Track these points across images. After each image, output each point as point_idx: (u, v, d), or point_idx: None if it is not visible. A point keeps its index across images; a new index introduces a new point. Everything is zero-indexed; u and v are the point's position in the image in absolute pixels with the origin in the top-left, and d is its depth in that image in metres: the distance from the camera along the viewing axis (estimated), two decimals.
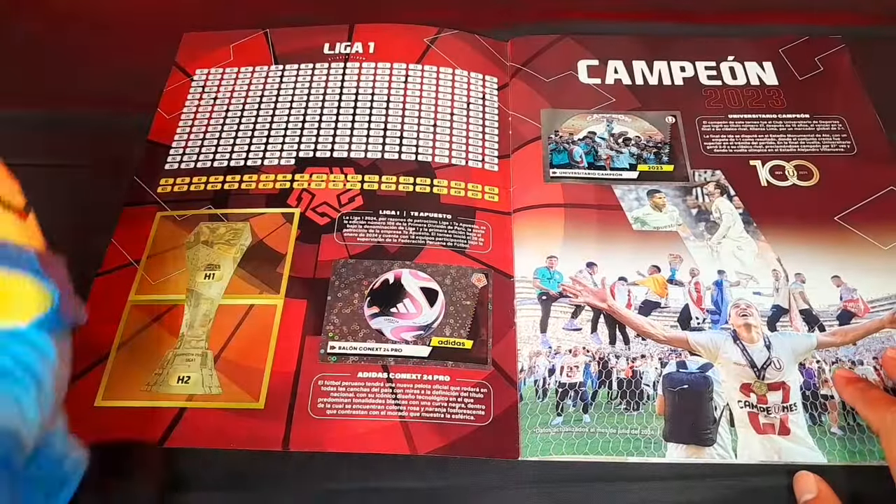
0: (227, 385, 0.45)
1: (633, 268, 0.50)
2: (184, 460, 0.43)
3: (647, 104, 0.59)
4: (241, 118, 0.58)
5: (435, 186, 0.54)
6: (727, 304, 0.49)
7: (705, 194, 0.54)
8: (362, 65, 0.61)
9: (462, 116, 0.58)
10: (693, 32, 0.65)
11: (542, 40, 0.64)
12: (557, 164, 0.55)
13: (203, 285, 0.49)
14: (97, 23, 0.66)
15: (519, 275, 0.50)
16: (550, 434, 0.44)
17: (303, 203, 0.53)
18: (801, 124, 0.58)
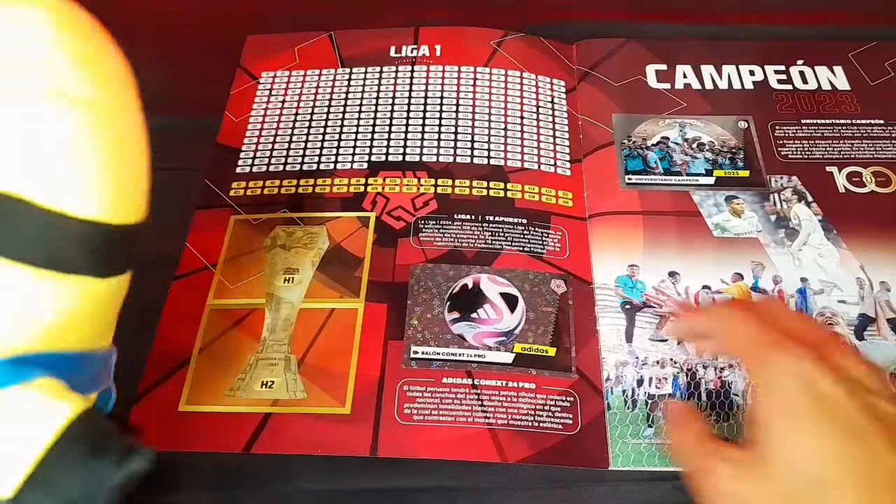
0: (311, 390, 0.45)
1: (716, 276, 0.50)
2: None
3: (718, 109, 0.59)
4: (311, 121, 0.58)
5: (509, 190, 0.54)
6: (812, 313, 0.48)
7: (783, 200, 0.53)
8: (430, 68, 0.61)
9: (532, 120, 0.58)
10: (756, 35, 0.64)
11: (607, 43, 0.63)
12: (632, 170, 0.55)
13: (283, 289, 0.48)
14: (161, 26, 0.65)
15: (598, 282, 0.49)
16: (642, 445, 0.43)
17: (378, 207, 0.53)
18: (877, 130, 0.57)
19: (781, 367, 0.32)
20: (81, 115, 0.21)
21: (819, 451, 0.30)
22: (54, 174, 0.21)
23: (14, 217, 0.20)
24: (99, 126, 0.22)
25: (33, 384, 0.22)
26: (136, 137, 0.24)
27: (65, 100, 0.21)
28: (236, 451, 0.43)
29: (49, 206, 0.21)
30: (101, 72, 0.22)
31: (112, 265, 0.24)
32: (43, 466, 0.21)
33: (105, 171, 0.22)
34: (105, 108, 0.22)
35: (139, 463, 0.22)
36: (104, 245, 0.23)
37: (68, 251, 0.22)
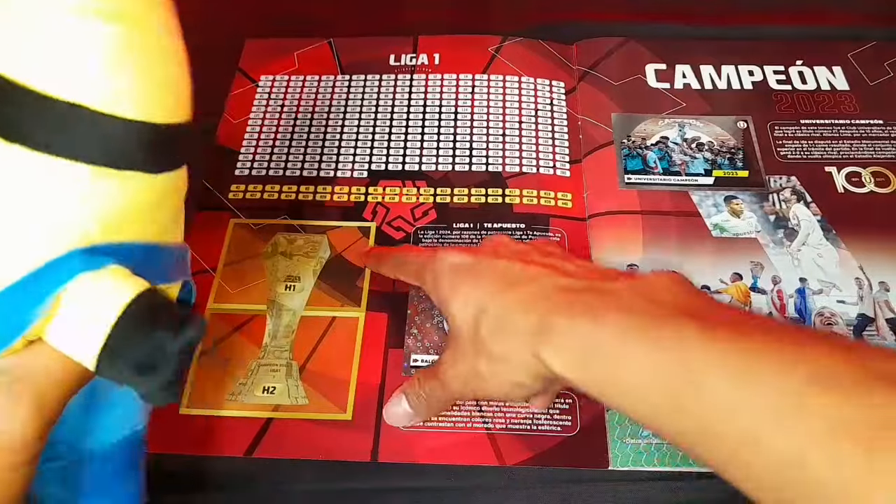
0: (313, 396, 0.45)
1: (715, 276, 0.50)
2: None
3: (718, 109, 0.59)
4: (311, 127, 0.58)
5: (507, 196, 0.54)
6: (811, 313, 0.48)
7: (782, 200, 0.53)
8: (429, 77, 0.61)
9: (531, 123, 0.58)
10: (756, 35, 0.64)
11: (606, 43, 0.63)
12: (632, 170, 0.55)
13: (284, 296, 0.49)
14: None
15: None
16: (641, 444, 0.43)
17: (378, 217, 0.53)
18: (876, 130, 0.57)
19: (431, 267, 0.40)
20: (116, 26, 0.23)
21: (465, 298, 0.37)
22: (105, 81, 0.23)
23: (74, 122, 0.23)
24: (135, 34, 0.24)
25: (103, 270, 0.25)
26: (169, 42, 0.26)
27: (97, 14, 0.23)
28: (238, 455, 0.43)
29: (103, 110, 0.23)
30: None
31: (163, 162, 0.26)
32: (112, 338, 0.24)
33: (146, 75, 0.25)
34: (136, 18, 0.24)
35: (192, 332, 0.26)
36: (153, 143, 0.25)
37: (122, 150, 0.24)
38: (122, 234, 0.26)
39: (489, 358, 0.36)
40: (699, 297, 0.32)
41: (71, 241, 0.24)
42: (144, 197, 0.26)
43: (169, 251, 0.29)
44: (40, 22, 0.23)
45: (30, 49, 0.23)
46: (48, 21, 0.23)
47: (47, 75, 0.23)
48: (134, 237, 0.26)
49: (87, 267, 0.25)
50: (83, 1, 0.23)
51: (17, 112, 0.23)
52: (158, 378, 0.25)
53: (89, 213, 0.25)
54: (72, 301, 0.24)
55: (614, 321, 0.31)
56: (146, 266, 0.27)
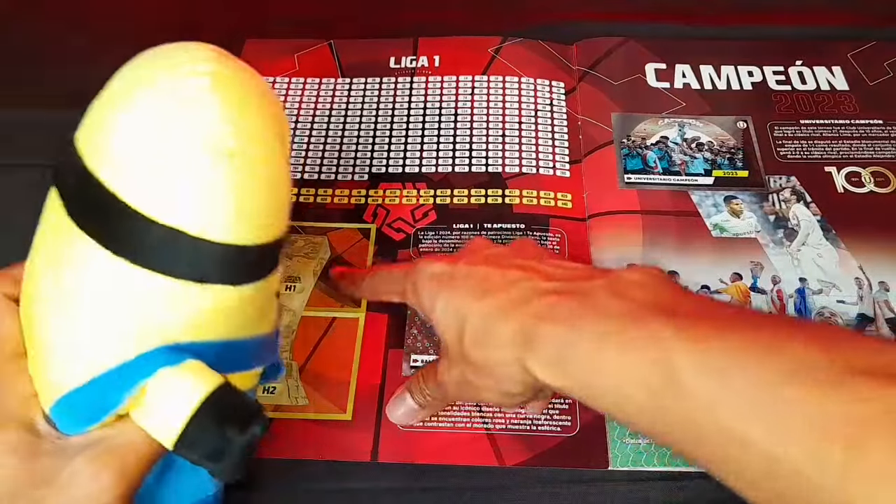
0: (313, 396, 0.45)
1: (714, 276, 0.50)
2: None
3: (718, 109, 0.59)
4: (312, 130, 0.59)
5: (507, 197, 0.54)
6: (811, 313, 0.48)
7: (781, 200, 0.53)
8: (429, 79, 0.61)
9: (530, 124, 0.58)
10: (755, 35, 0.65)
11: (606, 42, 0.63)
12: (632, 170, 0.55)
13: (285, 297, 0.49)
14: (160, 25, 0.66)
15: None
16: (641, 444, 0.43)
17: (378, 219, 0.53)
18: (875, 130, 0.57)
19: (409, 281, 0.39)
20: (226, 163, 0.27)
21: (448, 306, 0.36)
22: (204, 211, 0.27)
23: (171, 243, 0.27)
24: (241, 171, 0.27)
25: (183, 366, 0.28)
26: (275, 178, 0.29)
27: (215, 151, 0.27)
28: None
29: (197, 235, 0.27)
30: (249, 126, 0.28)
31: (248, 276, 0.30)
32: (188, 429, 0.27)
33: (241, 206, 0.28)
34: (246, 156, 0.27)
35: (257, 428, 0.28)
36: (239, 262, 0.29)
37: (212, 268, 0.28)
38: (204, 334, 0.29)
39: (475, 368, 0.35)
40: (675, 291, 0.32)
41: (157, 341, 0.28)
42: (227, 304, 0.29)
43: (250, 343, 0.32)
44: (154, 155, 0.26)
45: (143, 177, 0.26)
46: (161, 155, 0.26)
47: (153, 201, 0.26)
48: (215, 336, 0.30)
49: (168, 363, 0.28)
50: (193, 139, 0.26)
51: (126, 231, 0.27)
52: (226, 464, 0.28)
53: (175, 318, 0.28)
54: (155, 391, 0.28)
55: (591, 326, 0.31)
56: (225, 359, 0.30)
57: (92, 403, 0.28)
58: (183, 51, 0.28)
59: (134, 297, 0.28)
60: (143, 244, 0.27)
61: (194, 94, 0.27)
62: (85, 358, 0.28)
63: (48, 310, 0.29)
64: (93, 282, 0.28)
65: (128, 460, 0.28)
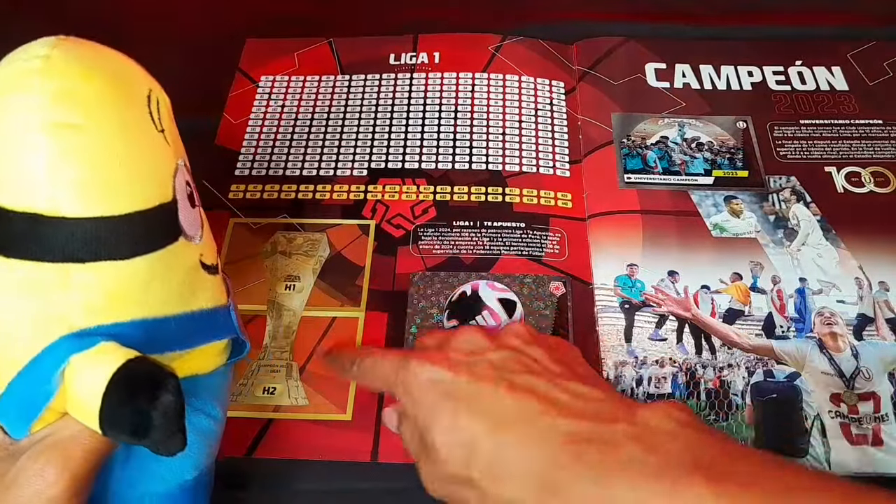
0: (313, 396, 0.45)
1: (714, 275, 0.50)
2: None
3: (717, 109, 0.59)
4: (311, 127, 0.59)
5: (507, 195, 0.54)
6: (811, 313, 0.48)
7: (781, 200, 0.53)
8: (429, 75, 0.61)
9: (531, 123, 0.58)
10: (755, 35, 0.65)
11: (606, 42, 0.63)
12: (632, 170, 0.55)
13: (284, 297, 0.49)
14: (159, 24, 0.66)
15: (598, 282, 0.50)
16: None
17: (377, 215, 0.53)
18: (875, 130, 0.57)
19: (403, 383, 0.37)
20: (60, 137, 0.26)
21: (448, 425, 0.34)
22: (54, 189, 0.26)
23: (35, 229, 0.26)
24: (86, 143, 0.27)
25: (92, 350, 0.28)
26: (126, 146, 0.28)
27: (45, 128, 0.26)
28: (238, 455, 0.43)
29: (53, 214, 0.26)
30: (82, 99, 0.27)
31: (126, 249, 0.28)
32: (104, 409, 0.27)
33: (97, 177, 0.27)
34: (83, 128, 0.27)
35: (167, 397, 0.27)
36: (115, 233, 0.28)
37: (78, 245, 0.27)
38: (112, 315, 0.29)
39: (485, 498, 0.33)
40: (708, 439, 0.31)
41: (60, 330, 0.28)
42: (122, 281, 0.29)
43: (180, 319, 0.31)
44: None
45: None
46: None
47: (3, 191, 0.27)
48: (125, 316, 0.29)
49: (76, 349, 0.28)
50: (24, 120, 0.26)
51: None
52: (153, 438, 0.27)
53: (70, 304, 0.28)
54: (72, 379, 0.28)
55: (623, 486, 0.29)
56: (153, 338, 0.30)
57: (20, 403, 0.28)
58: (24, 47, 0.28)
59: (20, 292, 0.28)
60: (8, 235, 0.27)
61: (23, 78, 0.27)
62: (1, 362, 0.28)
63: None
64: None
65: (72, 453, 0.28)
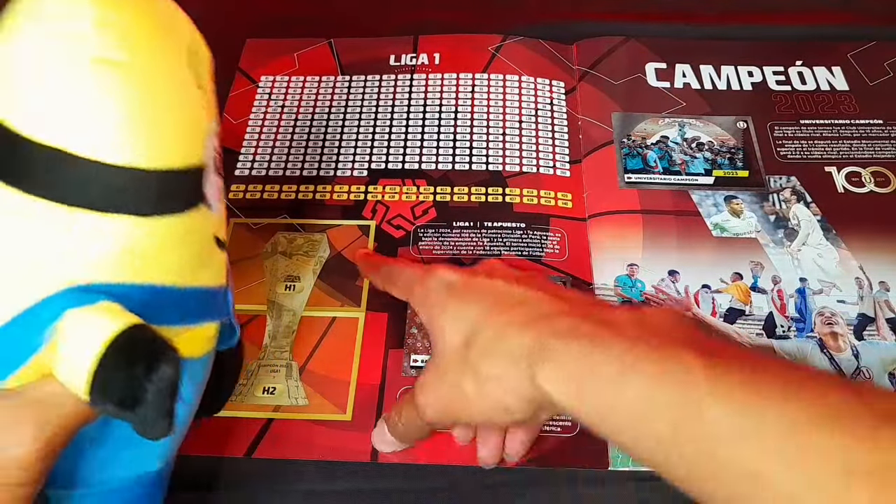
0: (313, 396, 0.45)
1: (715, 275, 0.50)
2: None
3: (718, 109, 0.59)
4: (311, 128, 0.59)
5: (507, 195, 0.54)
6: (811, 313, 0.48)
7: (782, 200, 0.53)
8: (429, 76, 0.61)
9: (531, 123, 0.58)
10: (755, 35, 0.65)
11: (607, 42, 0.63)
12: (632, 169, 0.55)
13: (284, 297, 0.49)
14: None
15: (598, 282, 0.50)
16: None
17: (378, 215, 0.53)
18: (875, 130, 0.57)
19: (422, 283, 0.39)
20: (112, 75, 0.25)
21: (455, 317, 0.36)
22: (90, 128, 0.25)
23: (60, 166, 0.25)
24: (129, 84, 0.25)
25: (93, 307, 0.26)
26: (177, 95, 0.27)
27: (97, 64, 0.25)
28: (238, 455, 0.43)
29: (88, 156, 0.25)
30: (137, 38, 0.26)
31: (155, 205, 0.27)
32: (97, 372, 0.25)
33: (137, 123, 0.26)
34: (135, 68, 0.25)
35: (166, 370, 0.26)
36: (139, 187, 0.26)
37: (108, 193, 0.26)
38: (120, 275, 0.27)
39: (477, 378, 0.34)
40: (701, 332, 0.32)
41: (59, 280, 0.26)
42: (141, 240, 0.27)
43: (185, 293, 0.30)
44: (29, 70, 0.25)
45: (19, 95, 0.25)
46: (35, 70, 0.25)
47: (40, 124, 0.25)
48: (135, 279, 0.27)
49: (75, 304, 0.26)
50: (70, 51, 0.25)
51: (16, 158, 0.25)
52: (142, 413, 0.26)
53: (82, 255, 0.26)
54: (65, 335, 0.26)
55: (616, 347, 0.30)
56: (154, 307, 0.28)
57: (3, 351, 0.26)
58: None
59: (33, 232, 0.26)
60: (29, 169, 0.25)
61: (73, 9, 0.25)
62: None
63: None
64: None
65: (48, 415, 0.26)
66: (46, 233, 0.26)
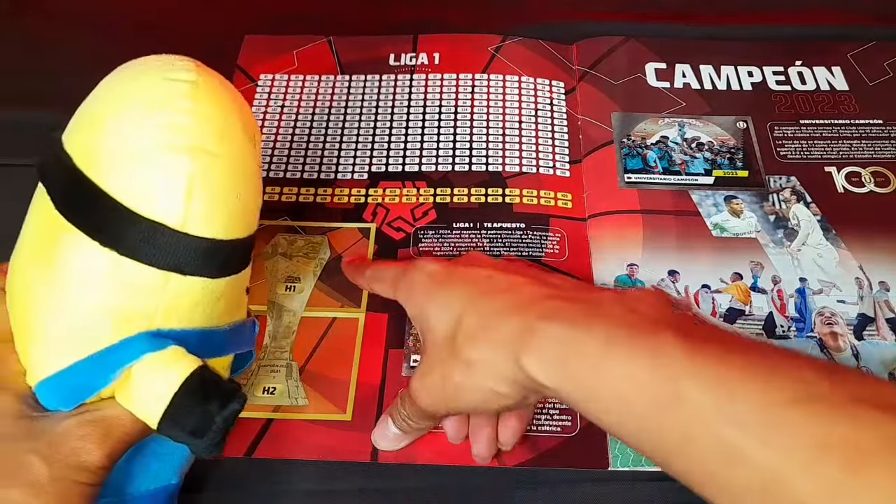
0: (313, 396, 0.45)
1: (715, 275, 0.50)
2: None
3: (717, 109, 0.59)
4: (311, 128, 0.59)
5: (507, 196, 0.54)
6: (811, 313, 0.48)
7: (782, 200, 0.53)
8: (428, 76, 0.61)
9: (531, 123, 0.58)
10: (755, 35, 0.64)
11: (607, 42, 0.63)
12: (632, 169, 0.55)
13: (284, 297, 0.49)
14: (158, 23, 0.66)
15: (599, 282, 0.50)
16: None
17: (378, 218, 0.53)
18: (875, 130, 0.57)
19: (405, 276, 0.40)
20: (203, 162, 0.30)
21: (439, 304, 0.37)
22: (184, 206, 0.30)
23: (155, 237, 0.30)
24: (218, 169, 0.31)
25: (166, 351, 0.31)
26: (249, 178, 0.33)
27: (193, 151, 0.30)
28: (238, 455, 0.43)
29: (177, 228, 0.30)
30: (224, 129, 0.31)
31: (222, 269, 0.33)
32: (171, 408, 0.30)
33: (215, 203, 0.31)
34: (222, 157, 0.31)
35: (236, 405, 0.32)
36: (217, 255, 0.32)
37: (189, 260, 0.31)
38: (184, 322, 0.32)
39: (466, 364, 0.34)
40: (682, 314, 0.33)
41: (140, 326, 0.31)
42: (205, 295, 0.33)
43: (226, 332, 0.35)
44: (139, 154, 0.29)
45: (129, 174, 0.29)
46: (145, 154, 0.29)
47: (137, 197, 0.29)
48: (193, 324, 0.33)
49: (151, 348, 0.31)
50: (173, 140, 0.29)
51: (113, 224, 0.30)
52: (208, 440, 0.31)
53: (157, 306, 0.31)
54: (141, 374, 0.31)
55: (598, 328, 0.31)
56: (203, 346, 0.33)
57: (78, 384, 0.31)
58: (166, 61, 0.31)
59: (119, 286, 0.30)
60: (129, 237, 0.30)
61: (175, 99, 0.30)
62: (72, 342, 0.31)
63: (36, 298, 0.32)
64: (80, 272, 0.30)
65: (114, 431, 0.31)
66: (136, 288, 0.31)
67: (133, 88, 0.31)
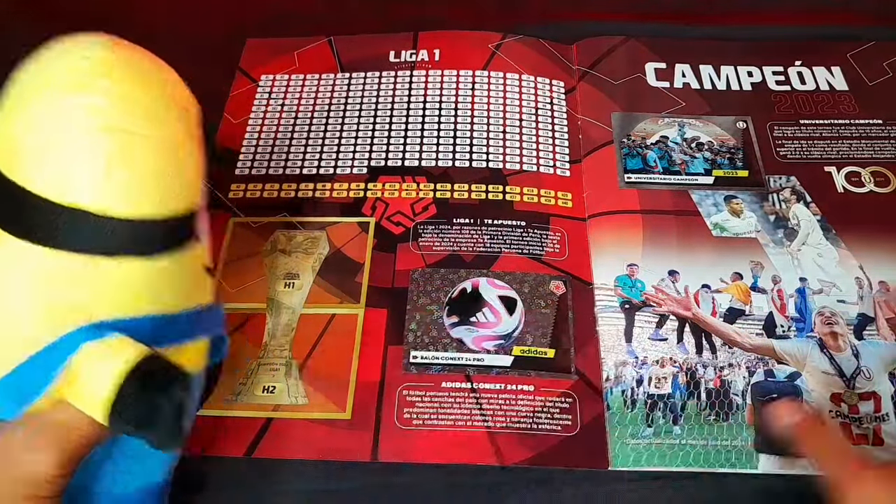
0: (312, 395, 0.45)
1: (715, 275, 0.50)
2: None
3: (717, 109, 0.59)
4: (311, 126, 0.58)
5: (507, 193, 0.54)
6: (811, 312, 0.48)
7: (781, 200, 0.53)
8: (429, 73, 0.61)
9: (531, 122, 0.58)
10: (755, 35, 0.65)
11: (607, 42, 0.63)
12: (632, 169, 0.55)
13: (283, 294, 0.48)
14: (158, 23, 0.66)
15: (598, 282, 0.50)
16: (641, 445, 0.43)
17: (377, 212, 0.53)
18: (875, 130, 0.57)
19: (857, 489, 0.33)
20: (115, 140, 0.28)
21: None
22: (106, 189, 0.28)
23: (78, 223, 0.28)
24: (132, 146, 0.29)
25: (105, 342, 0.29)
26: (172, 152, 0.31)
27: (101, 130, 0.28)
28: (238, 455, 0.43)
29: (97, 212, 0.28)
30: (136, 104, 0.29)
31: (156, 247, 0.30)
32: (116, 399, 0.28)
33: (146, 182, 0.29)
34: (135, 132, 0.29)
35: (181, 392, 0.30)
36: (148, 234, 0.30)
37: (114, 242, 0.29)
38: (129, 310, 0.30)
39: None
40: None
41: (78, 321, 0.29)
42: (148, 279, 0.31)
43: (184, 316, 0.33)
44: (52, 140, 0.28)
45: (44, 162, 0.28)
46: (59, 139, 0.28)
47: (56, 185, 0.28)
48: (142, 312, 0.31)
49: (89, 339, 0.29)
50: (88, 121, 0.28)
51: (35, 217, 0.28)
52: (159, 432, 0.29)
53: (93, 295, 0.29)
54: (81, 367, 0.29)
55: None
56: (161, 333, 0.31)
57: (21, 387, 0.29)
58: (71, 43, 0.30)
59: (50, 281, 0.29)
60: (51, 227, 0.28)
61: (78, 79, 0.28)
62: (11, 347, 0.29)
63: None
64: (7, 272, 0.29)
65: (68, 436, 0.29)
66: (63, 278, 0.29)
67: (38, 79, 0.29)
